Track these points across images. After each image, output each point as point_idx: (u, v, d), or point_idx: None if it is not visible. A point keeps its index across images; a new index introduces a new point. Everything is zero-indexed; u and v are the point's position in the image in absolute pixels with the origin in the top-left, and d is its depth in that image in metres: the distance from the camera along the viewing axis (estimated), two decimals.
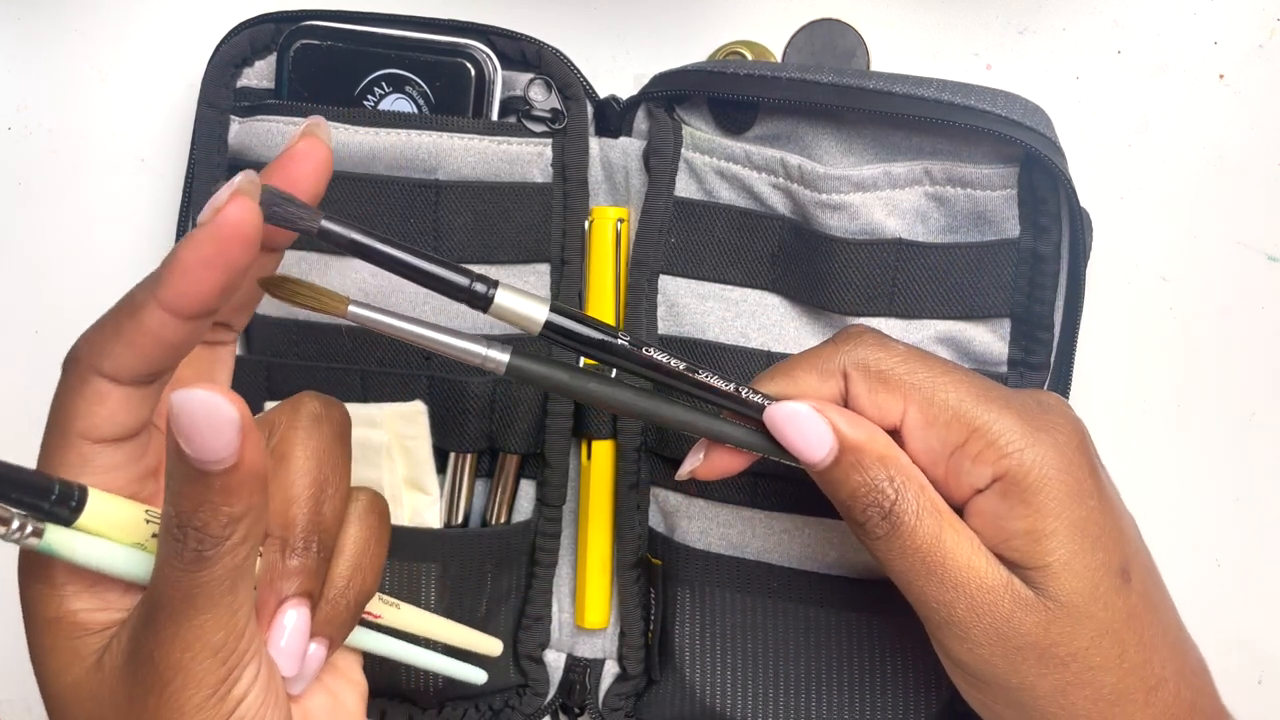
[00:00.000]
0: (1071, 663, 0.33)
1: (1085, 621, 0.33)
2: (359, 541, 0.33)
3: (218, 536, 0.27)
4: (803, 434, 0.34)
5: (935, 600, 0.33)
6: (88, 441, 0.29)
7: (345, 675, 0.36)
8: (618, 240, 0.45)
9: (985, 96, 0.40)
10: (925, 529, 0.33)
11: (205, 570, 0.27)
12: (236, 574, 0.28)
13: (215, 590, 0.28)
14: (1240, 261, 0.48)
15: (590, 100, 0.45)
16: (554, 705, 0.47)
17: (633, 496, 0.45)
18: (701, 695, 0.44)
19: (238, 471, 0.27)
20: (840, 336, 0.36)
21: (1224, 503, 0.48)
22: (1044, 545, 0.33)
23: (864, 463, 0.33)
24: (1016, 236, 0.41)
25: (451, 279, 0.30)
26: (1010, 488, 0.33)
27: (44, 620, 0.30)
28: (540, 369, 0.33)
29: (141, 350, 0.28)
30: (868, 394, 0.34)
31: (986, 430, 0.33)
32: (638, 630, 0.46)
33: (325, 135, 0.31)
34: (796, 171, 0.42)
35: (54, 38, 0.50)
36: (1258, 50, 0.47)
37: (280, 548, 0.31)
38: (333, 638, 0.33)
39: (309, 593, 0.31)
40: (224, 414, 0.26)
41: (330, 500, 0.32)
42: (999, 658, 0.33)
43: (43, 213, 0.51)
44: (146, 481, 0.30)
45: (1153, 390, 0.48)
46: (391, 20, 0.44)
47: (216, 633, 0.28)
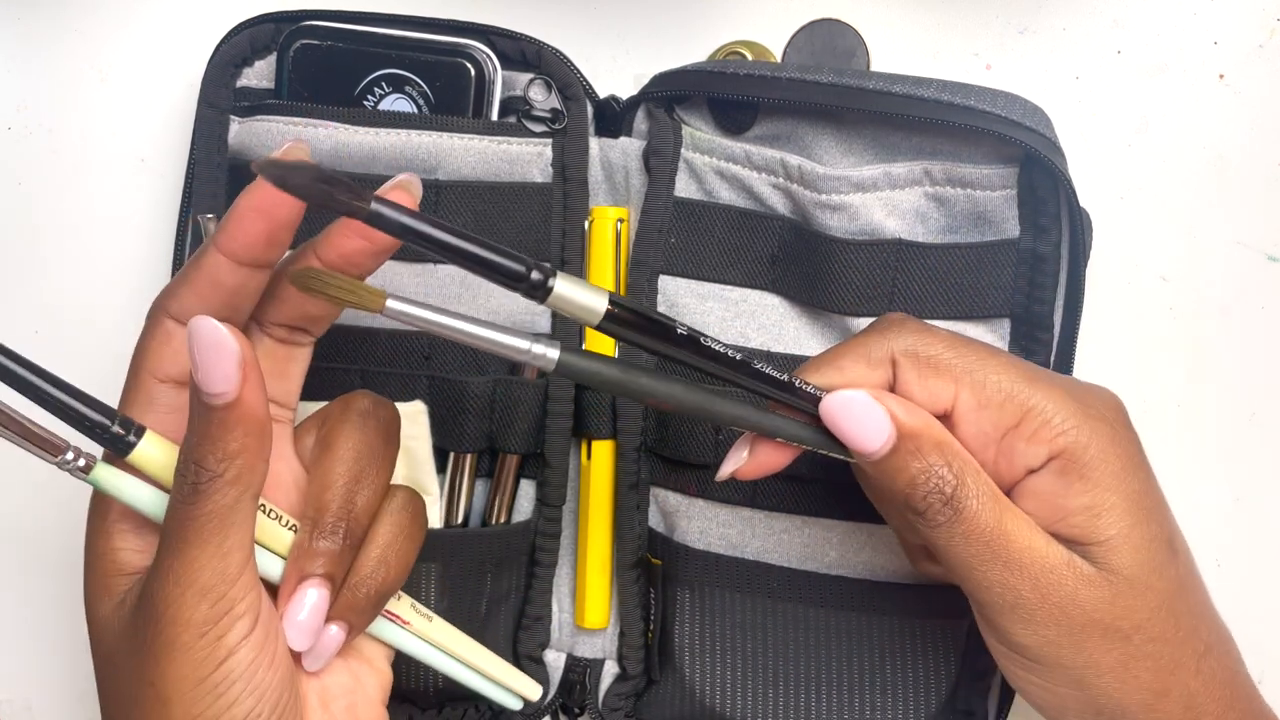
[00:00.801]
0: (1134, 635, 0.33)
1: (1146, 593, 0.33)
2: (388, 535, 0.35)
3: (212, 471, 0.29)
4: (861, 423, 0.34)
5: (1000, 584, 0.33)
6: (154, 379, 0.32)
7: (370, 663, 0.37)
8: (618, 240, 0.45)
9: (985, 97, 0.40)
10: (987, 512, 0.33)
11: (198, 504, 0.29)
12: (228, 514, 0.30)
13: (205, 526, 0.29)
14: (1240, 261, 0.48)
15: (590, 100, 0.45)
16: (554, 705, 0.47)
17: (633, 496, 0.45)
18: (701, 695, 0.44)
19: (236, 408, 0.29)
20: (882, 324, 0.36)
21: (1224, 503, 0.48)
22: (1103, 520, 0.33)
23: (923, 449, 0.33)
24: (1016, 237, 0.41)
25: (508, 265, 0.29)
26: (1068, 465, 0.33)
27: (94, 554, 0.32)
28: (592, 365, 0.32)
29: (200, 292, 0.31)
30: (918, 380, 0.34)
31: (1040, 410, 0.33)
32: (637, 630, 0.46)
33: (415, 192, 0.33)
34: (796, 172, 0.42)
35: (54, 38, 0.50)
36: (1258, 50, 0.47)
37: (311, 529, 0.33)
38: (352, 624, 0.34)
39: (331, 575, 0.33)
40: (227, 345, 0.29)
41: (365, 492, 0.34)
42: (1064, 637, 0.33)
43: (43, 213, 0.51)
44: None
45: (1153, 390, 0.48)
46: (391, 20, 0.44)
47: (204, 571, 0.30)
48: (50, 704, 0.51)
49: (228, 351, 0.29)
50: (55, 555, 0.51)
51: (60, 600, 0.51)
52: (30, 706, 0.51)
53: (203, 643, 0.30)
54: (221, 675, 0.30)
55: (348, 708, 0.36)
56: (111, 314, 0.50)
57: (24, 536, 0.51)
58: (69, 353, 0.50)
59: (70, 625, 0.51)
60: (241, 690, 0.31)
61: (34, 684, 0.51)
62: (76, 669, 0.51)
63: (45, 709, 0.51)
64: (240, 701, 0.31)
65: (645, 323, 0.32)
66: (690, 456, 0.44)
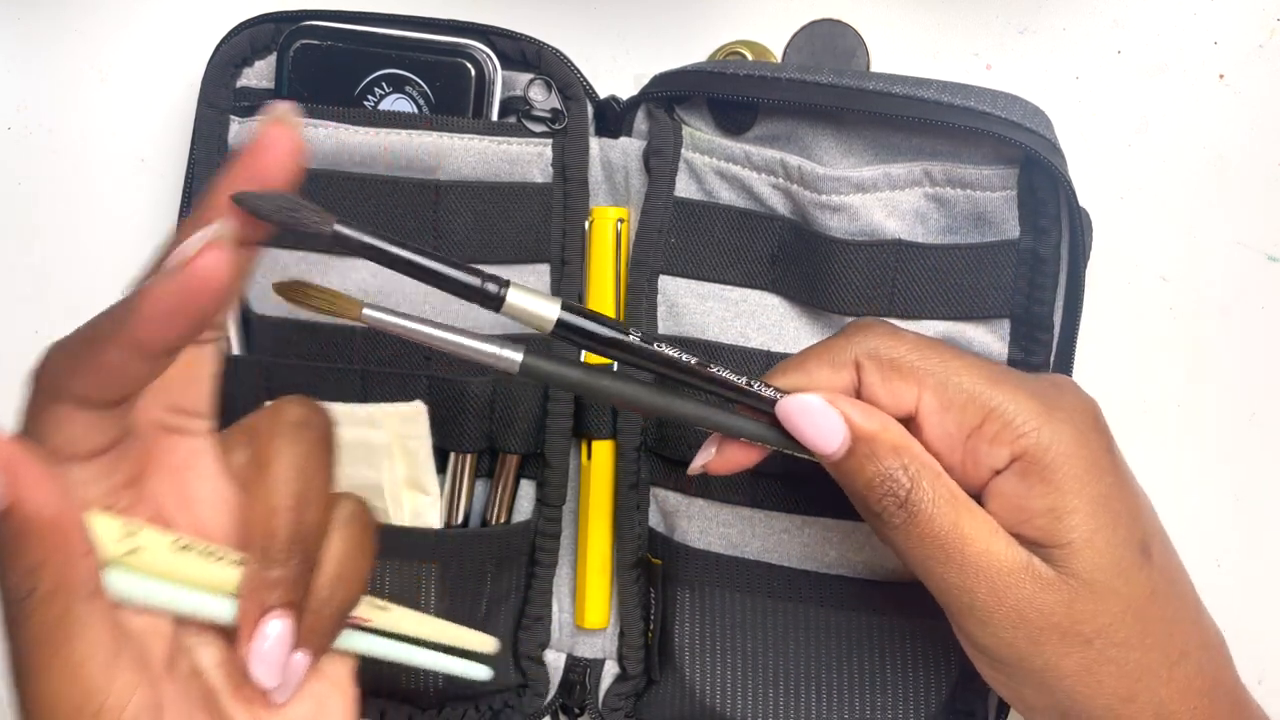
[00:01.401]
0: (1095, 640, 0.33)
1: (1108, 598, 0.33)
2: (341, 551, 0.32)
3: (18, 591, 0.26)
4: (815, 426, 0.34)
5: (956, 587, 0.34)
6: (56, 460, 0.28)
7: (333, 681, 0.35)
8: (618, 240, 0.45)
9: (985, 98, 0.40)
10: (942, 515, 0.33)
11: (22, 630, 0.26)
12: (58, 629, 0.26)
13: (41, 650, 0.26)
14: (1240, 261, 0.48)
15: (590, 100, 0.45)
16: (554, 705, 0.47)
17: (633, 496, 0.45)
18: (701, 695, 0.44)
19: (16, 516, 0.25)
20: (850, 328, 0.36)
21: (1224, 503, 0.48)
22: (1065, 523, 0.33)
23: (878, 452, 0.34)
24: (1016, 237, 0.41)
25: (463, 279, 0.31)
26: (1029, 466, 0.33)
27: None
28: (554, 367, 0.33)
29: (103, 382, 0.27)
30: (881, 383, 0.35)
31: (1002, 411, 0.33)
32: (637, 630, 0.46)
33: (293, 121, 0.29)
34: (796, 172, 0.42)
35: (54, 38, 0.50)
36: (1258, 50, 0.47)
37: (262, 558, 0.30)
38: (316, 648, 0.32)
39: (291, 603, 0.31)
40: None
41: (312, 509, 0.31)
42: (1022, 640, 0.33)
43: (43, 213, 0.51)
44: (122, 493, 0.30)
45: (1153, 390, 0.48)
46: (391, 20, 0.45)
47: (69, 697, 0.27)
48: None
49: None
50: None
51: None
52: None
53: None
54: None
55: None
56: None
57: None
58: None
59: None
60: None
61: None
62: None
63: None
64: None
65: (596, 329, 0.33)
66: (690, 456, 0.44)
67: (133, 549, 0.29)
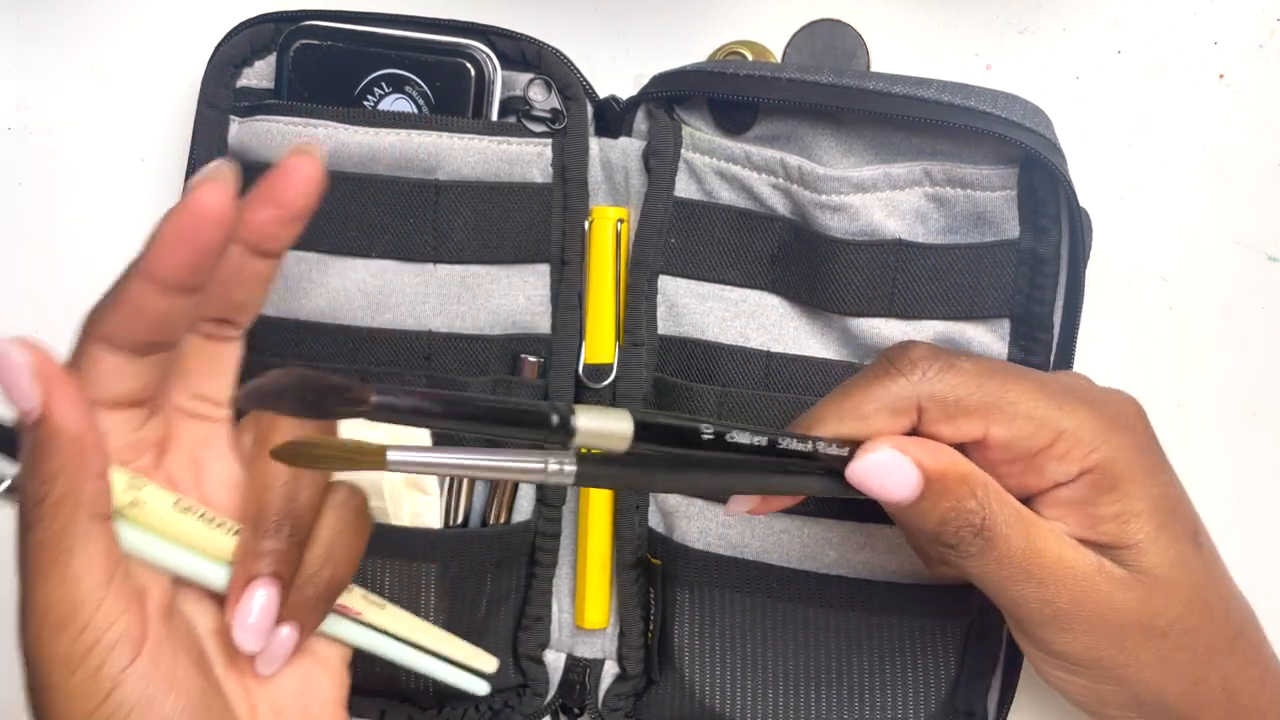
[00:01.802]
0: (1171, 630, 0.34)
1: (1177, 589, 0.34)
2: (332, 530, 0.33)
3: (34, 497, 0.28)
4: (890, 479, 0.34)
5: (1036, 599, 0.34)
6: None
7: (324, 663, 0.36)
8: (617, 240, 0.45)
9: (985, 98, 0.40)
10: (1016, 535, 0.34)
11: (30, 534, 0.28)
12: (61, 540, 0.28)
13: (42, 557, 0.28)
14: (1240, 261, 0.48)
15: (590, 100, 0.45)
16: (554, 705, 0.47)
17: (632, 496, 0.45)
18: (701, 695, 0.44)
19: (45, 425, 0.28)
20: (903, 365, 0.35)
21: (1224, 503, 0.48)
22: (1131, 525, 0.34)
23: (950, 488, 0.34)
24: (1016, 237, 0.41)
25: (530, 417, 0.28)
26: (1101, 479, 0.34)
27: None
28: (611, 472, 0.31)
29: (126, 318, 0.30)
30: (947, 422, 0.35)
31: (1072, 433, 0.34)
32: (637, 630, 0.46)
33: (319, 152, 0.32)
34: (796, 172, 0.42)
35: (54, 38, 0.50)
36: (1258, 50, 0.47)
37: (254, 529, 0.32)
38: (303, 623, 0.33)
39: (279, 574, 0.32)
40: (12, 358, 0.28)
41: (306, 489, 0.33)
42: (1105, 640, 0.34)
43: (43, 213, 0.51)
44: (141, 452, 0.32)
45: (1153, 390, 0.48)
46: (391, 20, 0.44)
47: (55, 605, 0.28)
48: None
49: (13, 364, 0.28)
50: None
51: None
52: None
53: (76, 679, 0.28)
54: (110, 709, 0.29)
55: (301, 711, 0.35)
56: None
57: None
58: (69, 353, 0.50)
59: None
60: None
61: None
62: None
63: None
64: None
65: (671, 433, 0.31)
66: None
67: (135, 501, 0.31)
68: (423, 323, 0.44)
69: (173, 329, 0.31)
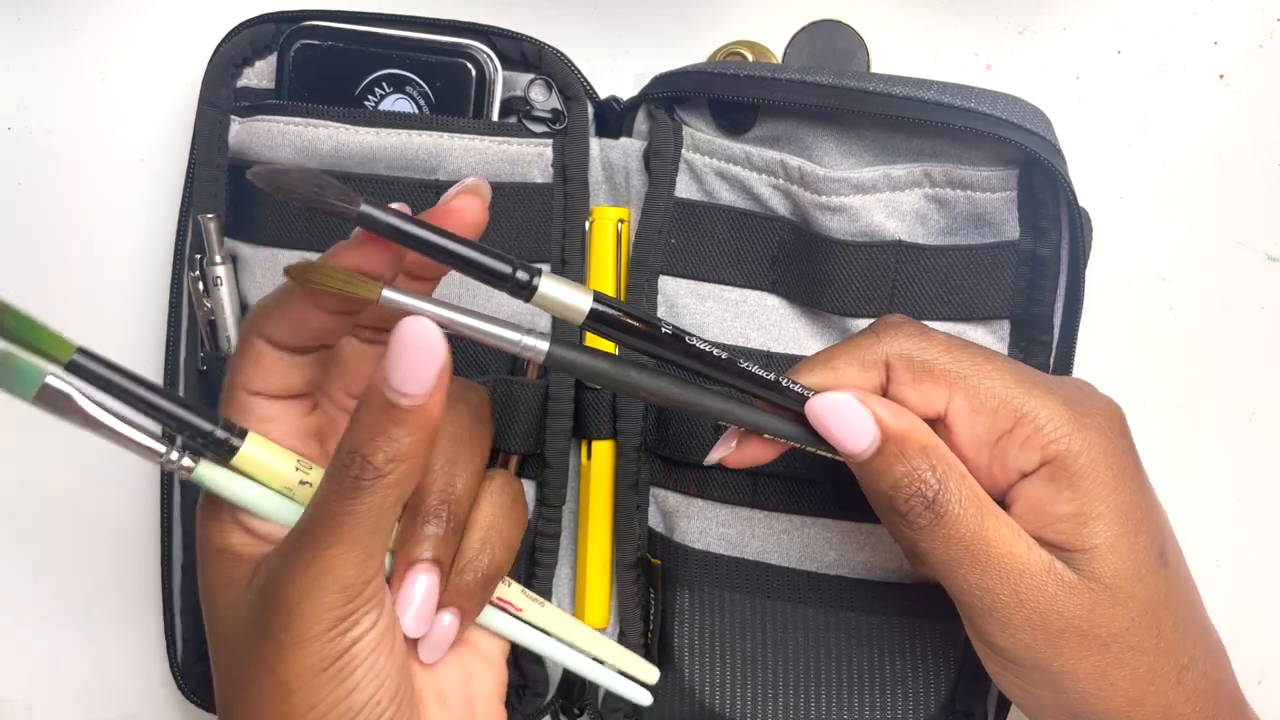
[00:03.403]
0: (1113, 643, 0.33)
1: (1127, 603, 0.33)
2: (489, 516, 0.35)
3: (378, 470, 0.29)
4: (845, 425, 0.34)
5: (978, 588, 0.34)
6: (246, 392, 0.32)
7: (485, 657, 0.37)
8: (618, 241, 0.45)
9: (985, 99, 0.40)
10: (968, 517, 0.33)
11: (357, 500, 0.29)
12: (381, 516, 0.30)
13: (359, 524, 0.30)
14: (1240, 261, 0.48)
15: (591, 101, 0.45)
16: (554, 705, 0.47)
17: (632, 496, 0.45)
18: (701, 695, 0.44)
19: (420, 412, 0.29)
20: (880, 326, 0.36)
21: (1224, 503, 0.48)
22: (1090, 528, 0.33)
23: (907, 453, 0.34)
24: (1016, 239, 0.41)
25: (494, 266, 0.30)
26: (1058, 472, 0.33)
27: (210, 551, 0.33)
28: (581, 357, 0.32)
29: (289, 327, 0.32)
30: (912, 383, 0.35)
31: (1034, 417, 0.34)
32: (637, 630, 0.46)
33: (484, 194, 0.32)
34: (796, 173, 0.42)
35: (54, 38, 0.50)
36: (1258, 50, 0.47)
37: (413, 515, 0.33)
38: (464, 609, 0.34)
39: (439, 560, 0.33)
40: (435, 350, 0.29)
41: (463, 475, 0.34)
42: (1041, 642, 0.34)
43: (43, 213, 0.51)
44: (305, 441, 0.34)
45: (1153, 390, 0.48)
46: (392, 20, 0.44)
47: (348, 568, 0.30)
48: (50, 704, 0.51)
49: (434, 356, 0.29)
50: (56, 555, 0.51)
51: (61, 600, 0.51)
52: (30, 706, 0.51)
53: (330, 634, 0.30)
54: (344, 663, 0.30)
55: (464, 702, 0.36)
56: (112, 314, 0.50)
57: (25, 537, 0.51)
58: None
59: (71, 625, 0.51)
60: (363, 677, 0.31)
61: (34, 684, 0.51)
62: (76, 669, 0.51)
63: (45, 709, 0.51)
64: (361, 688, 0.31)
65: (629, 322, 0.32)
66: (690, 456, 0.44)
67: (305, 479, 0.32)
68: None
69: (332, 337, 0.33)
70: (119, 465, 0.51)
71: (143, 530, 0.51)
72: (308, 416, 0.34)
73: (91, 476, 0.51)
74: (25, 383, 0.29)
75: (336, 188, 0.28)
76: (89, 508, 0.51)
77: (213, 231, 0.44)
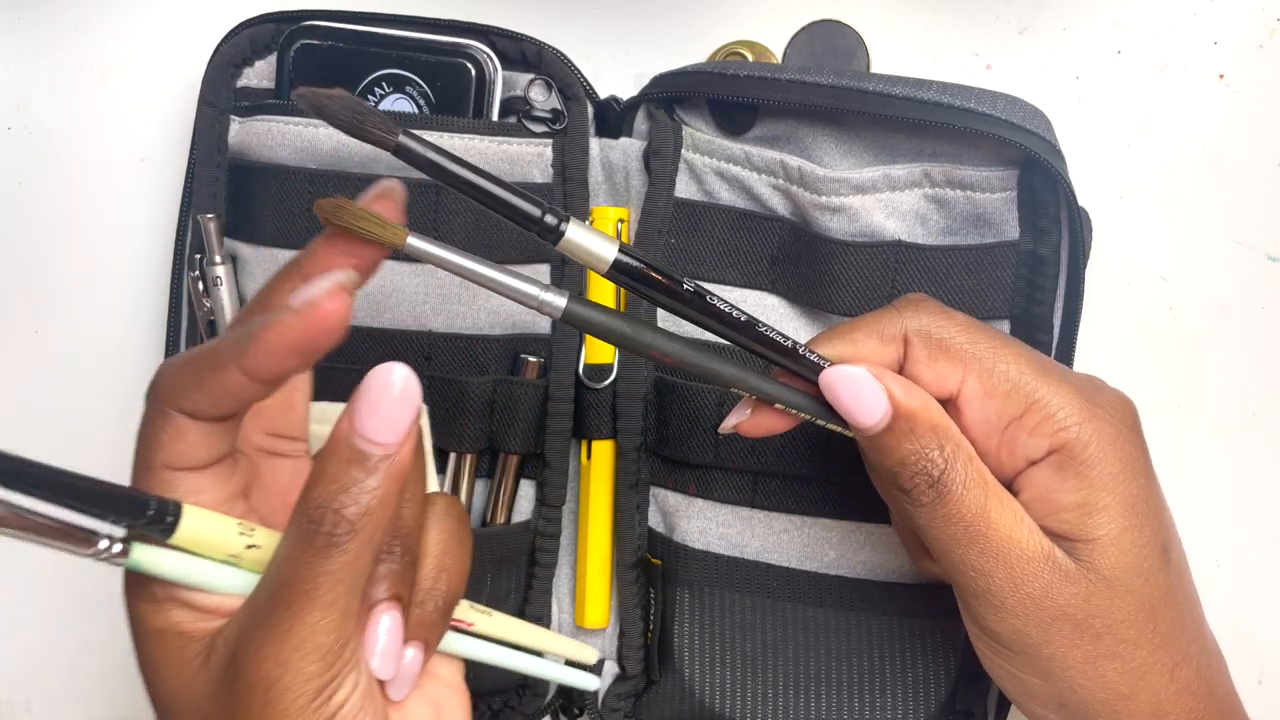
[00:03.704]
0: (1105, 635, 0.33)
1: (1125, 596, 0.33)
2: (440, 544, 0.33)
3: (352, 523, 0.28)
4: (858, 398, 0.34)
5: (974, 569, 0.34)
6: (170, 470, 0.30)
7: (446, 683, 0.36)
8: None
9: (985, 99, 0.40)
10: (971, 498, 0.33)
11: (331, 559, 0.28)
12: (358, 573, 0.29)
13: (337, 584, 0.28)
14: (1240, 261, 0.48)
15: (590, 101, 0.45)
16: (553, 705, 0.47)
17: (632, 496, 0.45)
18: (700, 695, 0.44)
19: (396, 464, 0.28)
20: (901, 303, 0.36)
21: (1224, 503, 0.48)
22: (1094, 519, 0.33)
23: (917, 430, 0.34)
24: (1016, 239, 0.41)
25: (523, 207, 0.30)
26: (1066, 460, 0.33)
27: (150, 633, 0.30)
28: (598, 315, 0.32)
29: (219, 400, 0.29)
30: (928, 361, 0.35)
31: (1045, 404, 0.34)
32: (637, 630, 0.46)
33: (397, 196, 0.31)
34: (796, 173, 0.42)
35: (54, 38, 0.50)
36: (1258, 50, 0.47)
37: None
38: (427, 640, 0.33)
39: (399, 596, 0.31)
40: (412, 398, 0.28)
41: (409, 505, 0.32)
42: (1033, 627, 0.34)
43: (43, 213, 0.51)
44: (234, 503, 0.31)
45: (1153, 390, 0.48)
46: (392, 20, 0.44)
47: (328, 633, 0.28)
48: (50, 704, 0.51)
49: (411, 405, 0.28)
50: (56, 556, 0.51)
51: (61, 600, 0.51)
52: (30, 706, 0.51)
53: (313, 706, 0.28)
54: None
55: None
56: (112, 314, 0.50)
57: None
58: (68, 353, 0.50)
59: (70, 625, 0.51)
60: None
61: (34, 684, 0.51)
62: (76, 669, 0.51)
63: (45, 709, 0.51)
64: None
65: (652, 276, 0.32)
66: (690, 456, 0.44)
67: (252, 544, 0.30)
68: (423, 323, 0.44)
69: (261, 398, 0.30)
70: (119, 466, 0.51)
71: None
72: (233, 478, 0.31)
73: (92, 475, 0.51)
74: None
75: (378, 115, 0.29)
76: None
77: (213, 231, 0.44)
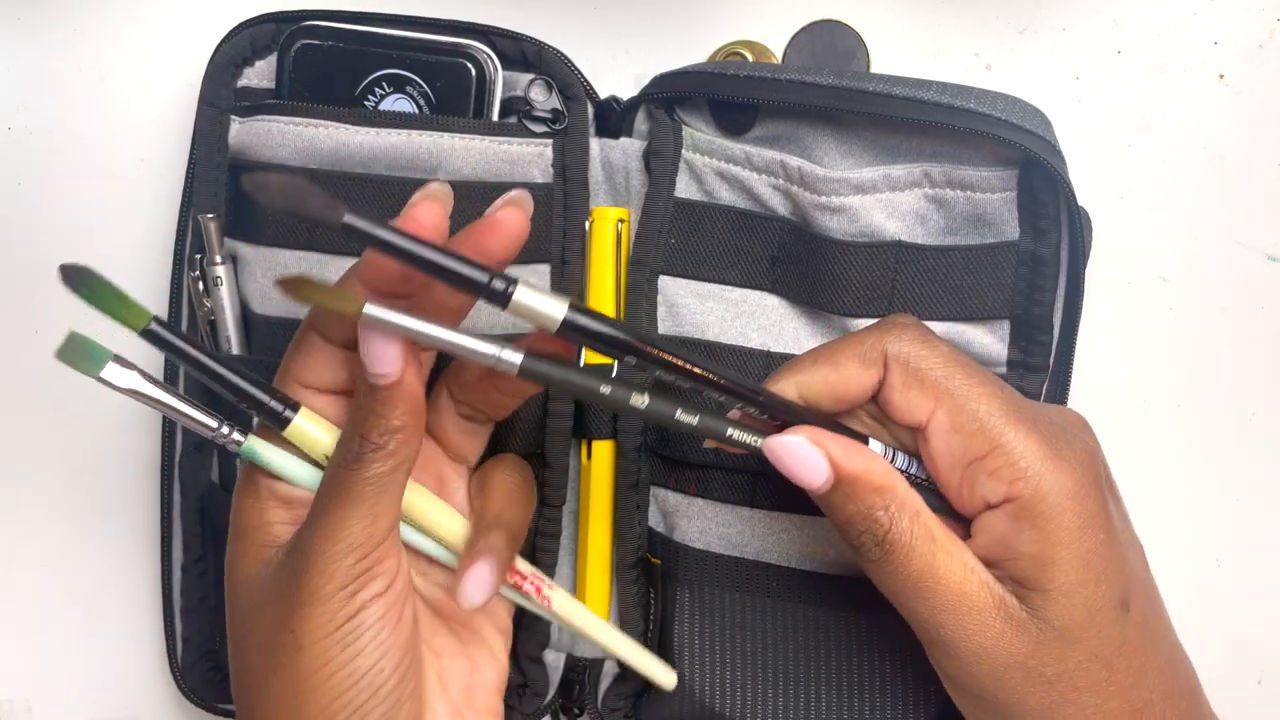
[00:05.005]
0: (1057, 682, 0.34)
1: (1075, 646, 0.33)
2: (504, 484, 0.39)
3: (374, 443, 0.33)
4: (800, 465, 0.35)
5: (925, 620, 0.34)
6: (298, 384, 0.35)
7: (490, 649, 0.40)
8: (618, 241, 0.45)
9: (985, 99, 0.40)
10: (918, 555, 0.34)
11: (358, 470, 0.33)
12: (382, 482, 0.33)
13: (361, 491, 0.33)
14: (1240, 261, 0.48)
15: (591, 101, 0.45)
16: (554, 705, 0.47)
17: (632, 496, 0.45)
18: (700, 695, 0.44)
19: (399, 388, 0.32)
20: (886, 325, 0.36)
21: (1224, 503, 0.48)
22: (1048, 572, 0.33)
23: (859, 493, 0.34)
24: (1016, 239, 0.41)
25: (470, 275, 0.31)
26: (1022, 511, 0.33)
27: (245, 529, 0.36)
28: (553, 370, 0.33)
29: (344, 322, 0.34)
30: (901, 388, 0.35)
31: (1009, 450, 0.34)
32: (637, 630, 0.46)
33: (526, 207, 0.34)
34: (796, 173, 0.42)
35: (54, 38, 0.50)
36: (1258, 50, 0.47)
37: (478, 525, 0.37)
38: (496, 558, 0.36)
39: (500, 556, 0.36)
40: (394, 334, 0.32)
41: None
42: (985, 675, 0.34)
43: (43, 213, 0.51)
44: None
45: (1153, 390, 0.48)
46: (392, 20, 0.45)
47: (354, 530, 0.33)
48: (50, 704, 0.51)
49: (394, 339, 0.32)
50: (55, 555, 0.51)
51: (61, 600, 0.51)
52: (31, 706, 0.51)
53: (341, 594, 0.33)
54: (352, 628, 0.33)
55: (464, 689, 0.39)
56: None
57: (26, 536, 0.51)
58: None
59: (71, 625, 0.51)
60: (368, 643, 0.33)
61: (34, 684, 0.51)
62: (76, 669, 0.51)
63: (45, 709, 0.51)
64: (366, 653, 0.33)
65: (603, 330, 0.33)
66: (690, 456, 0.44)
67: None
68: None
69: None
70: (119, 465, 0.51)
71: (143, 530, 0.51)
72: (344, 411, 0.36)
73: (92, 476, 0.51)
74: (92, 363, 0.33)
75: (320, 197, 0.29)
76: (89, 507, 0.51)
77: (213, 231, 0.45)
